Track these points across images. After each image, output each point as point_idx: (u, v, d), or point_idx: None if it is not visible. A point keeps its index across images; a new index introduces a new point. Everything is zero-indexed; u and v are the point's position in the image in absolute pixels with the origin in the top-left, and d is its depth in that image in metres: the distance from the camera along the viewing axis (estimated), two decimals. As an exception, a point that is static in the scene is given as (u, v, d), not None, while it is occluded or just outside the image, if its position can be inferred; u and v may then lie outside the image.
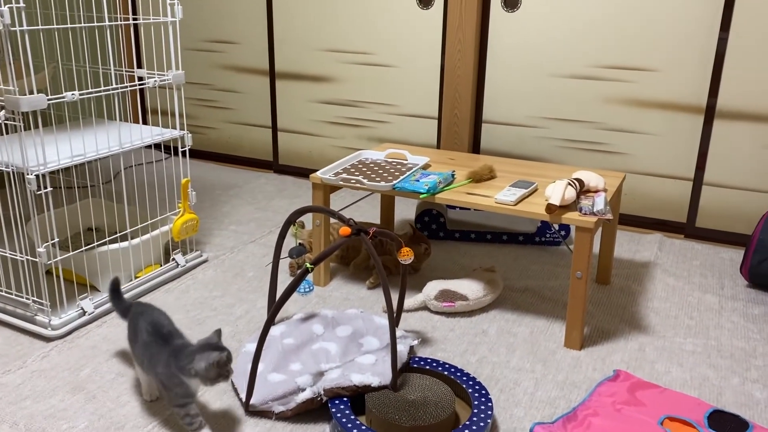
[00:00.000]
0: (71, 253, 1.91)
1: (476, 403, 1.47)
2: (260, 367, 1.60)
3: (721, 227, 2.56)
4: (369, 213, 2.82)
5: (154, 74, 2.09)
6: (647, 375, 1.69)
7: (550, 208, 1.74)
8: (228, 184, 3.18)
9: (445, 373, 1.58)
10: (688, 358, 1.78)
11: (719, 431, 1.46)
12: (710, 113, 2.47)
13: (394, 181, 1.95)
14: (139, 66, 3.53)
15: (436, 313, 1.99)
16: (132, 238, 2.06)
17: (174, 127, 2.20)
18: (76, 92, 1.81)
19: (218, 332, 1.42)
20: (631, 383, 1.62)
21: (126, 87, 2.02)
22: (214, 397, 1.58)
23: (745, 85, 2.40)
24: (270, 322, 1.46)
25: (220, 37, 3.35)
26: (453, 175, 2.02)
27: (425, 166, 2.16)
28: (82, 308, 1.90)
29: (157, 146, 3.55)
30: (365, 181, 1.96)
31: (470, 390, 1.51)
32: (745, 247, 2.14)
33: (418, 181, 1.95)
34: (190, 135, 2.18)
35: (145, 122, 3.67)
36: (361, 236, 1.57)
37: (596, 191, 1.87)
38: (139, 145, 2.05)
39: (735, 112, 2.44)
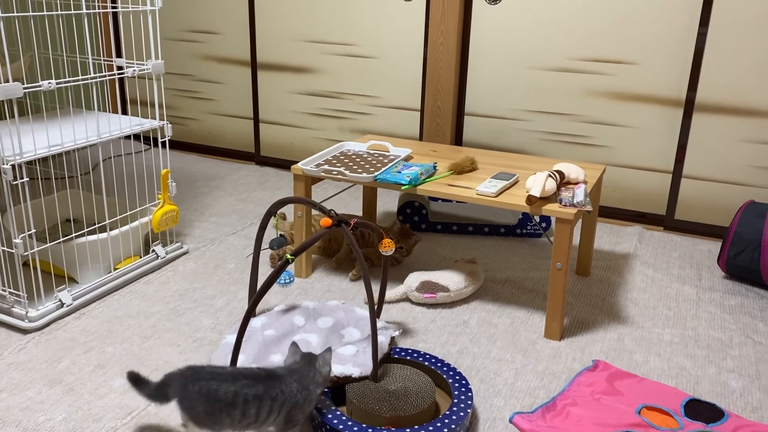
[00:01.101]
0: (49, 245, 1.88)
1: (456, 393, 1.48)
2: (241, 358, 1.59)
3: (699, 219, 2.59)
4: (352, 205, 2.82)
5: (133, 64, 2.07)
6: (626, 365, 1.71)
7: (530, 199, 1.74)
8: (209, 175, 3.16)
9: (426, 363, 1.58)
10: (665, 348, 1.80)
11: (695, 420, 1.48)
12: (689, 106, 2.49)
13: (376, 173, 1.95)
14: (119, 55, 3.49)
15: (418, 304, 1.99)
16: (111, 230, 2.04)
17: (154, 118, 2.18)
18: (53, 81, 1.79)
19: (294, 344, 1.41)
20: (610, 373, 1.63)
21: (104, 76, 2.00)
22: (194, 388, 1.57)
23: (724, 78, 2.42)
24: (250, 312, 1.46)
25: (201, 27, 3.32)
26: (435, 167, 2.02)
27: (407, 158, 2.16)
28: (60, 300, 1.88)
29: (138, 137, 3.51)
30: (347, 172, 1.95)
31: (450, 380, 1.52)
32: (723, 239, 2.17)
33: (400, 172, 1.95)
34: (170, 125, 2.16)
35: (125, 112, 3.63)
36: (342, 227, 1.57)
37: (576, 183, 1.88)
38: (118, 135, 2.03)
39: (714, 105, 2.46)
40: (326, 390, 1.48)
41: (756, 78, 2.38)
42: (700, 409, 1.52)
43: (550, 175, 1.79)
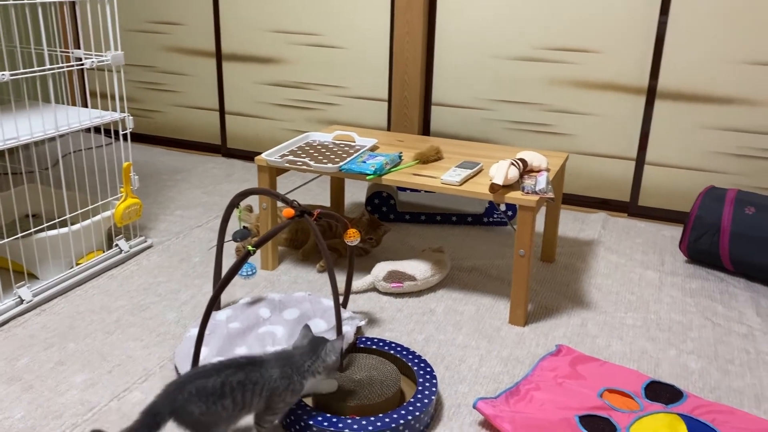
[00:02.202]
0: (6, 240, 1.84)
1: (421, 380, 1.48)
2: (205, 351, 1.58)
3: (662, 205, 2.63)
4: (320, 196, 2.81)
5: (91, 55, 2.03)
6: (588, 349, 1.74)
7: (493, 187, 1.75)
8: (175, 168, 3.12)
9: (391, 352, 1.59)
10: (628, 332, 1.83)
11: (655, 401, 1.51)
12: (651, 94, 2.53)
13: (341, 163, 1.94)
14: (79, 47, 3.41)
15: (385, 293, 2.00)
16: (72, 224, 2.00)
17: (114, 110, 2.14)
18: (7, 73, 1.74)
19: (307, 326, 1.40)
20: (573, 357, 1.66)
21: (61, 68, 1.95)
22: (159, 382, 1.55)
23: (684, 66, 2.46)
24: (211, 304, 1.45)
25: (164, 18, 3.27)
26: (400, 157, 2.02)
27: (373, 148, 2.15)
28: (19, 297, 1.85)
29: (100, 130, 3.45)
30: (312, 163, 1.94)
31: (415, 368, 1.53)
32: (684, 225, 2.21)
33: (365, 162, 1.94)
34: (131, 118, 2.12)
35: (86, 106, 3.56)
36: (305, 218, 1.56)
37: (539, 171, 1.90)
38: (77, 128, 1.99)
39: (675, 92, 2.50)
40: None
41: (715, 65, 2.42)
42: (660, 391, 1.55)
43: (512, 164, 1.80)
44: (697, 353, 1.74)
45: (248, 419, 1.35)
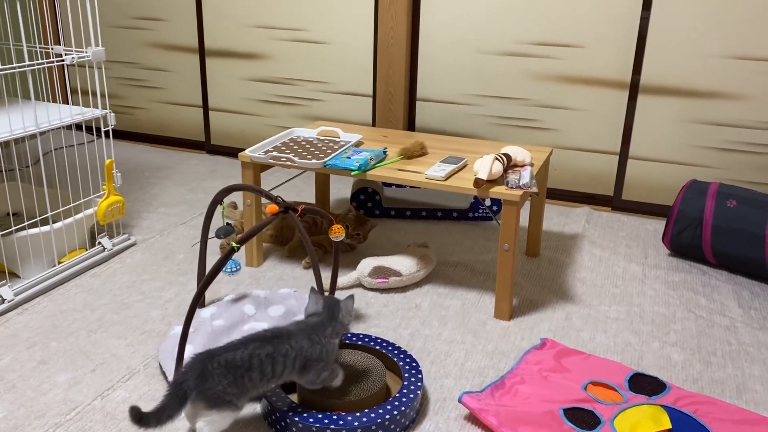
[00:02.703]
0: (-14, 239, 1.82)
1: (407, 375, 1.48)
2: (190, 349, 1.57)
3: (646, 199, 2.65)
4: (305, 192, 2.80)
5: (72, 51, 2.00)
6: (573, 342, 1.75)
7: (477, 182, 1.76)
8: (158, 165, 3.10)
9: (377, 347, 1.59)
10: (612, 325, 1.84)
11: (639, 393, 1.53)
12: (634, 89, 2.54)
13: (326, 159, 1.94)
14: (60, 43, 3.38)
15: (371, 289, 2.00)
16: (54, 222, 1.98)
17: (96, 107, 2.12)
18: (-15, 69, 1.72)
19: (313, 289, 1.45)
20: (557, 351, 1.67)
21: (41, 64, 1.93)
22: (143, 381, 1.54)
23: (667, 61, 2.48)
24: (195, 302, 1.44)
25: (147, 14, 3.24)
26: (385, 152, 2.02)
27: (357, 144, 2.15)
28: (1, 296, 1.82)
29: (85, 128, 3.41)
30: (296, 158, 1.94)
31: (401, 363, 1.53)
32: (667, 218, 2.23)
33: (350, 158, 1.94)
34: (113, 114, 2.10)
35: (69, 103, 3.52)
36: (289, 214, 1.56)
37: (523, 165, 1.90)
38: (58, 125, 1.97)
39: (657, 87, 2.52)
40: None
41: (697, 59, 2.44)
42: (643, 383, 1.56)
43: (497, 158, 1.80)
44: (680, 345, 1.75)
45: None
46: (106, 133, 2.10)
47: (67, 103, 3.38)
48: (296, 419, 1.34)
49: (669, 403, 1.48)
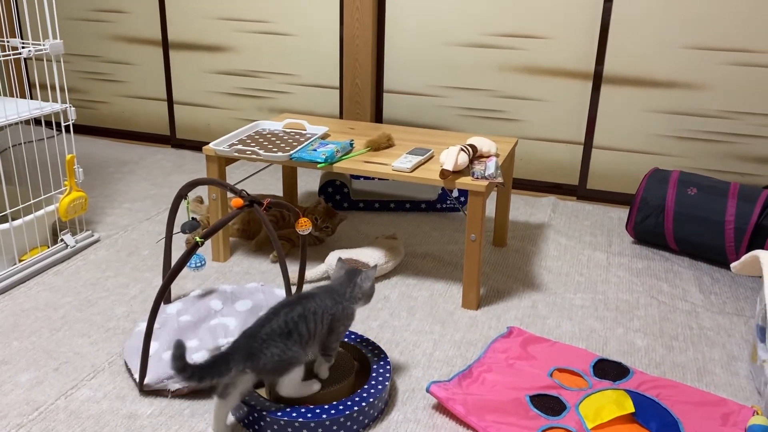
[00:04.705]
0: (-57, 238, 1.77)
1: (375, 366, 1.49)
2: (155, 346, 1.55)
3: (610, 188, 2.69)
4: (272, 186, 2.78)
5: (28, 44, 1.95)
6: (539, 330, 1.77)
7: (443, 173, 1.77)
8: (122, 160, 3.04)
9: (345, 339, 1.59)
10: (577, 312, 1.87)
11: (603, 378, 1.56)
12: (598, 79, 2.58)
13: (292, 151, 1.93)
14: (21, 36, 3.29)
15: (339, 282, 1.99)
16: (13, 220, 1.94)
17: (56, 101, 2.07)
18: (-63, 63, 1.67)
19: (341, 260, 1.51)
20: (524, 338, 1.69)
21: (-4, 57, 1.88)
22: (108, 378, 1.52)
23: (629, 51, 2.51)
24: (160, 297, 1.42)
25: (108, 6, 3.17)
26: (351, 144, 2.01)
27: (324, 136, 2.14)
28: (-42, 296, 1.78)
29: (45, 123, 3.34)
30: (261, 151, 1.92)
31: (369, 354, 1.53)
32: (630, 206, 2.27)
33: (316, 150, 1.93)
34: (73, 109, 2.06)
35: (29, 97, 3.44)
36: (254, 207, 1.54)
37: (488, 156, 1.92)
38: (15, 119, 1.92)
39: (620, 77, 2.55)
40: None
41: (658, 50, 2.48)
42: (607, 368, 1.59)
43: (462, 149, 1.81)
44: (643, 331, 1.79)
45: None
46: (67, 127, 2.06)
47: (27, 98, 3.30)
48: (264, 413, 1.33)
49: (632, 387, 1.51)
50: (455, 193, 2.53)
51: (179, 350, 1.23)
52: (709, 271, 2.13)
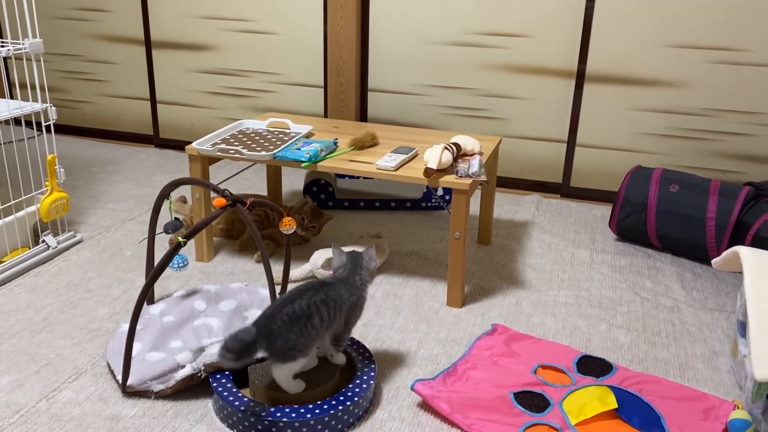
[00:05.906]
0: None
1: (360, 365, 1.49)
2: (138, 346, 1.54)
3: (593, 186, 2.71)
4: (257, 185, 2.77)
5: (7, 43, 1.93)
6: (523, 327, 1.78)
7: (427, 171, 1.77)
8: (105, 160, 3.02)
9: (330, 339, 1.59)
10: (560, 309, 1.88)
11: (587, 375, 1.57)
12: (581, 78, 2.59)
13: (275, 150, 1.92)
14: (0, 35, 3.26)
15: (324, 281, 1.99)
16: (-7, 221, 1.92)
17: (36, 101, 2.05)
18: None
19: (336, 245, 1.50)
20: (508, 336, 1.70)
21: (-26, 57, 1.86)
22: (90, 380, 1.51)
23: (611, 50, 2.53)
24: (142, 298, 1.41)
25: (89, 5, 3.14)
26: (335, 143, 2.01)
27: (308, 135, 2.13)
28: (-62, 298, 1.76)
29: (26, 123, 3.30)
30: (245, 151, 1.91)
31: (354, 353, 1.53)
32: (613, 203, 2.28)
33: (300, 149, 1.92)
34: (54, 108, 2.04)
35: (9, 97, 3.40)
36: (237, 207, 1.54)
37: (472, 155, 1.92)
38: (-5, 119, 1.90)
39: (603, 76, 2.57)
40: (228, 373, 1.46)
41: (640, 48, 2.50)
42: (591, 365, 1.60)
43: (446, 148, 1.82)
44: (626, 327, 1.80)
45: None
46: (47, 127, 2.04)
47: (7, 98, 3.26)
48: (248, 413, 1.33)
49: (615, 383, 1.53)
50: (440, 192, 2.53)
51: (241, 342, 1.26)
52: (691, 267, 2.15)
